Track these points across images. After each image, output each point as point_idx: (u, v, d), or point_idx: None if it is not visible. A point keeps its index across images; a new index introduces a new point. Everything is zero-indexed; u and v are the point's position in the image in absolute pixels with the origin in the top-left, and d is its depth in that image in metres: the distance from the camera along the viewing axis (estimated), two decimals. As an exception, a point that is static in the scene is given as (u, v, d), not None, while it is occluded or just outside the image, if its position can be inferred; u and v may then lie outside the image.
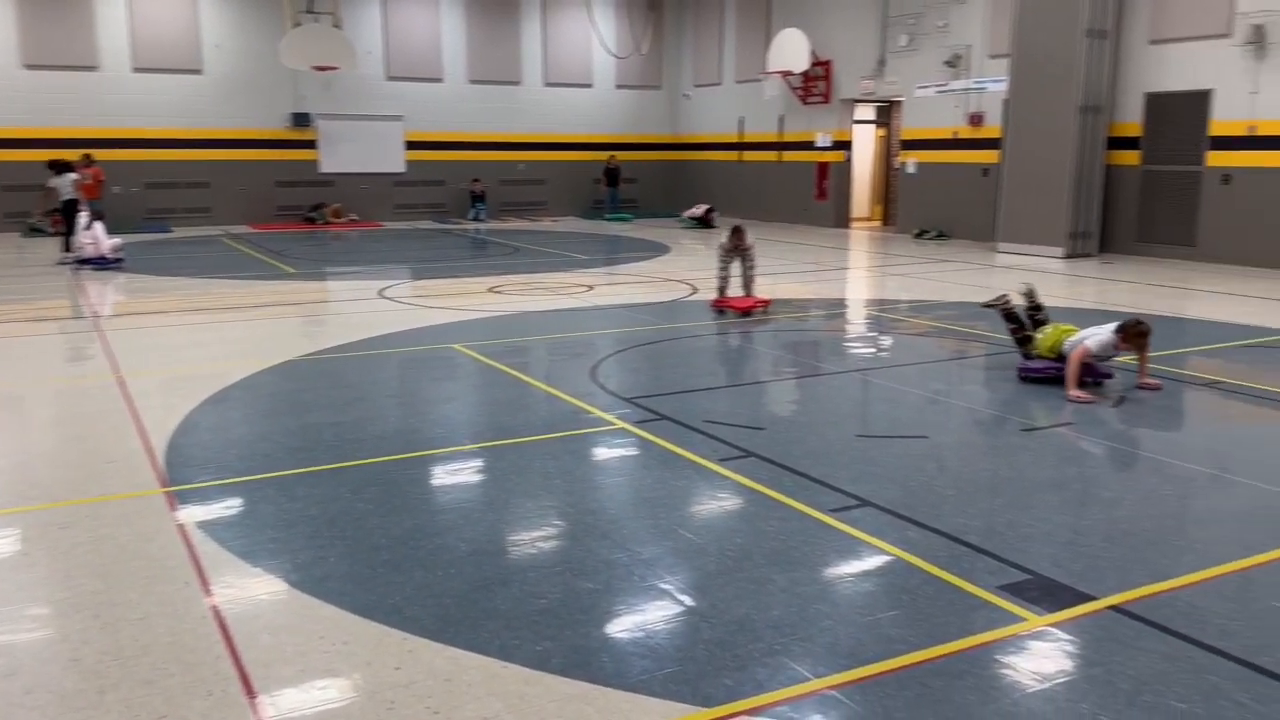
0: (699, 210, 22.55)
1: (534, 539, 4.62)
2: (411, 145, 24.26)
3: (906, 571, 4.19)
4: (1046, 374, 7.43)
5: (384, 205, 24.10)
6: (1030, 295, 8.04)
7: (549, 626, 3.71)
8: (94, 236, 15.04)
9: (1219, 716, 3.11)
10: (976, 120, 18.59)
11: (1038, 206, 16.47)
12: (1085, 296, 12.57)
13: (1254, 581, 4.11)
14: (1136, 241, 16.25)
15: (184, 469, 5.56)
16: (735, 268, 10.90)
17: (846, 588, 4.06)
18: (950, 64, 18.83)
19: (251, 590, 4.09)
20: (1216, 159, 15.07)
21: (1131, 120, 16.12)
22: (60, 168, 15.86)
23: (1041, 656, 3.51)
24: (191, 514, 4.88)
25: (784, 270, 14.68)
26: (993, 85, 18.04)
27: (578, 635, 3.65)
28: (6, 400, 7.37)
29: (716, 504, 5.09)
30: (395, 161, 24.22)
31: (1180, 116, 15.48)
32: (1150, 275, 14.00)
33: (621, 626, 3.74)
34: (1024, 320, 7.87)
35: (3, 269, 15.18)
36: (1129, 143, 16.19)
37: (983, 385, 8.07)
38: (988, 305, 8.15)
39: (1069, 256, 16.08)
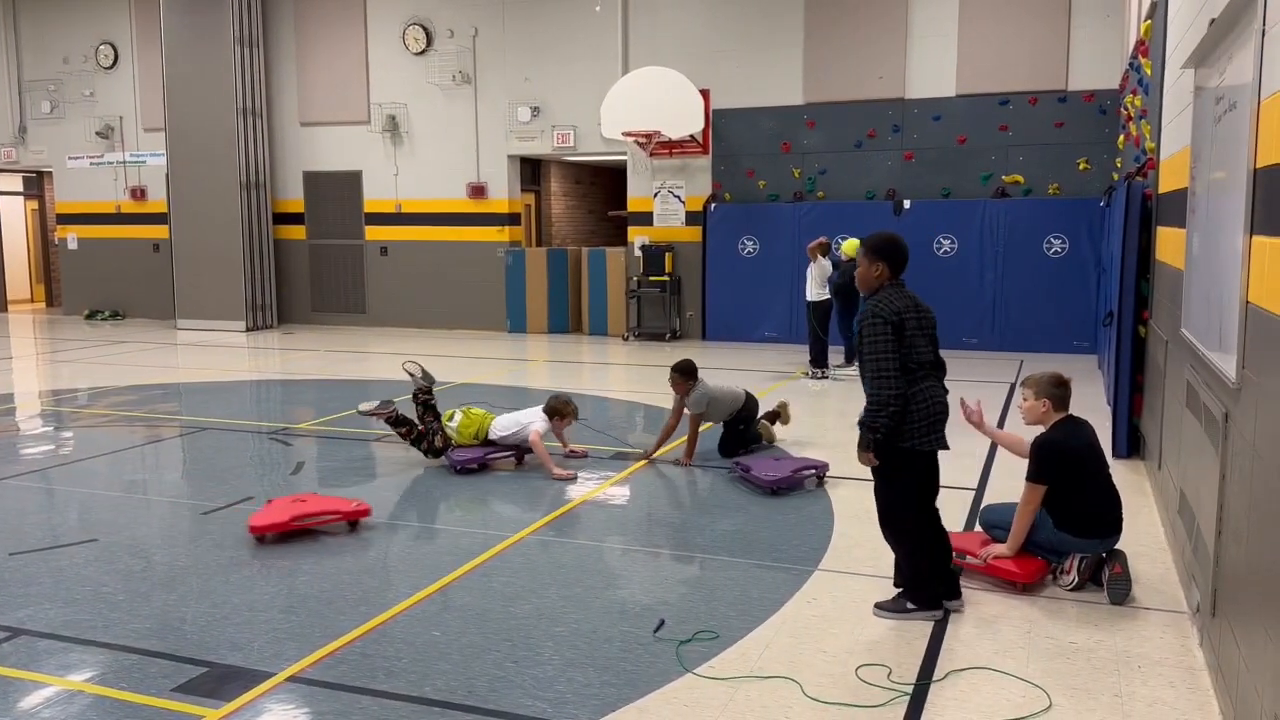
0: None
1: None
2: None
3: (68, 701, 3.68)
4: (480, 462, 7.11)
5: None
6: (424, 376, 7.42)
7: None
8: None
9: (389, 756, 3.30)
10: (139, 194, 17.80)
11: (213, 281, 16.39)
12: (271, 368, 12.83)
13: (418, 617, 4.51)
14: (313, 311, 17.17)
15: None
16: None
17: (-12, 744, 3.41)
18: (103, 135, 17.73)
19: None
20: (374, 233, 16.70)
21: (294, 197, 17.02)
22: None
23: (220, 753, 3.35)
24: None
25: (-86, 368, 12.18)
26: (152, 159, 17.48)
27: None
28: None
29: None
30: None
31: (338, 194, 16.80)
32: (329, 342, 14.88)
33: None
34: (412, 420, 7.35)
35: None
36: (295, 218, 17.06)
37: (168, 470, 7.64)
38: (371, 414, 7.31)
39: (251, 329, 16.30)
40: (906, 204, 13.51)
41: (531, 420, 7.21)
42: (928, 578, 4.46)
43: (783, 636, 4.27)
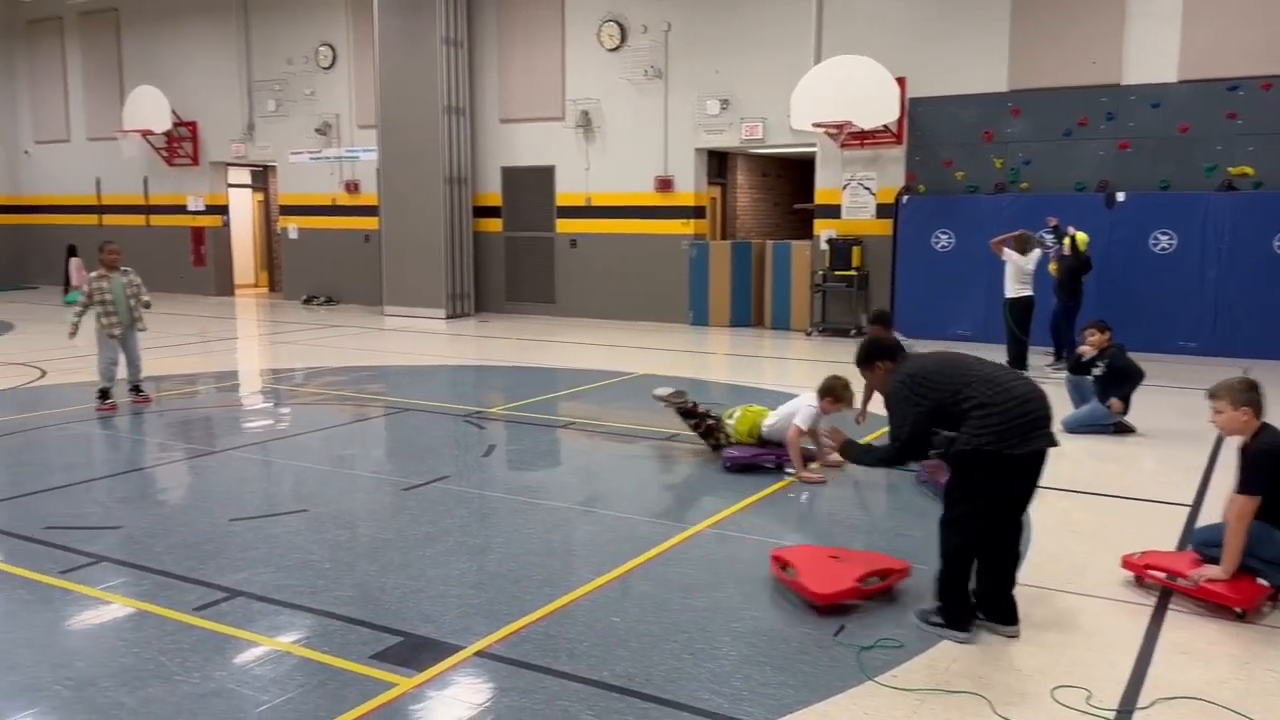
0: None
1: None
2: None
3: (277, 660, 3.96)
4: (755, 461, 6.90)
5: None
6: (675, 394, 7.29)
7: None
8: None
9: (568, 737, 3.38)
10: (353, 188, 18.96)
11: (418, 271, 17.26)
12: (467, 354, 13.39)
13: (599, 602, 4.59)
14: (507, 301, 17.80)
15: None
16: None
17: (208, 695, 3.70)
18: (321, 131, 18.98)
19: None
20: (564, 226, 17.14)
21: (493, 191, 17.68)
22: None
23: (412, 720, 3.53)
24: None
25: (164, 344, 13.43)
26: (365, 154, 18.57)
27: None
28: None
29: (54, 626, 4.35)
30: None
31: (532, 188, 17.34)
32: (521, 331, 15.39)
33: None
34: (701, 414, 7.24)
35: None
36: (492, 211, 17.73)
37: (372, 447, 8.10)
38: (664, 399, 7.25)
39: (450, 317, 17.07)
40: (1120, 196, 12.64)
41: (798, 409, 6.82)
42: (961, 591, 4.20)
43: (972, 651, 4.08)
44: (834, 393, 6.70)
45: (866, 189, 14.52)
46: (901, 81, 13.59)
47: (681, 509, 6.19)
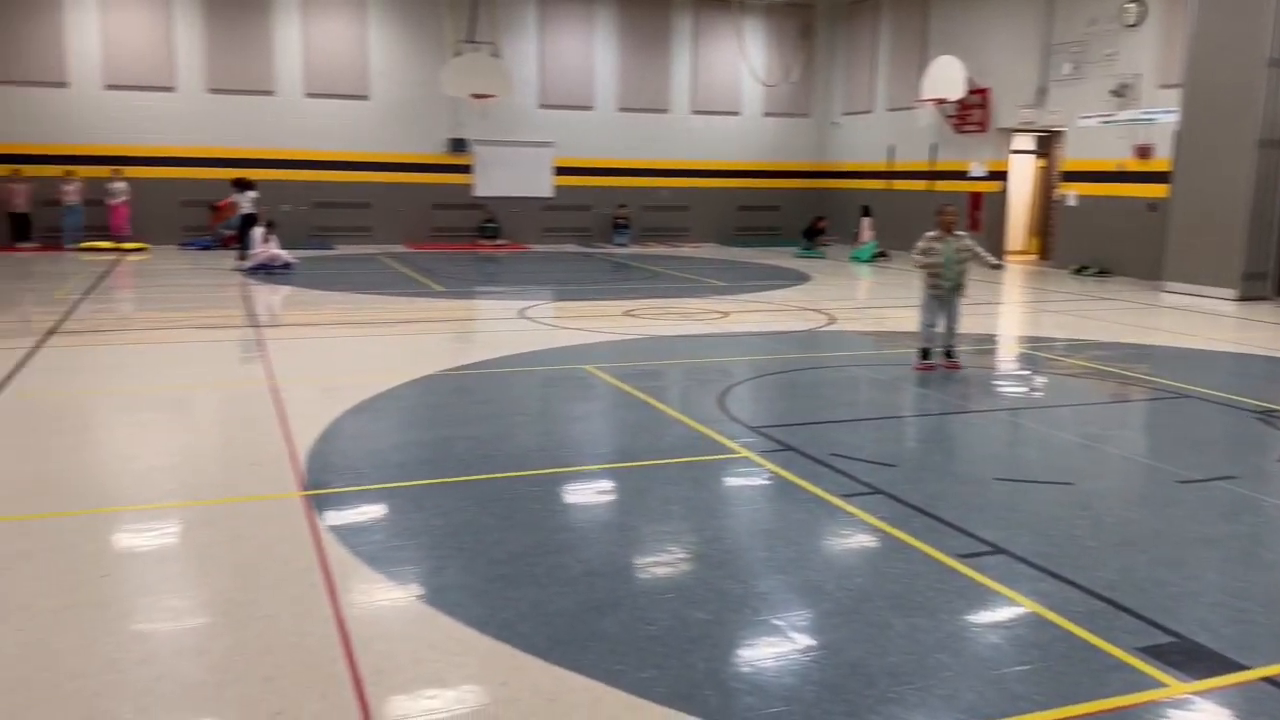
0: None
1: (647, 564, 4.58)
2: (560, 171, 24.81)
3: (1038, 625, 3.95)
4: None
5: (532, 228, 24.69)
6: None
7: (655, 654, 3.66)
8: (266, 246, 16.97)
9: (1388, 813, 2.79)
10: (1144, 153, 17.63)
11: (1208, 245, 15.47)
12: (1255, 341, 11.71)
13: None
14: (1322, 285, 15.04)
15: (322, 474, 5.78)
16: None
17: (971, 638, 3.86)
18: (1117, 94, 17.95)
19: (372, 596, 4.21)
20: None
21: (1320, 154, 14.97)
22: (243, 185, 18.63)
23: (1182, 728, 3.24)
24: (325, 518, 5.06)
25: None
26: (1163, 116, 17.09)
27: (684, 665, 3.58)
28: (168, 403, 7.86)
29: (837, 541, 4.94)
30: (544, 186, 24.80)
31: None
32: (1336, 321, 12.93)
33: (729, 660, 3.65)
34: None
35: (180, 278, 16.30)
36: (1316, 178, 15.03)
37: (1140, 431, 7.60)
38: None
39: (1242, 299, 15.01)
40: None
41: None
42: None
43: None
44: None
45: None
46: None
47: None
